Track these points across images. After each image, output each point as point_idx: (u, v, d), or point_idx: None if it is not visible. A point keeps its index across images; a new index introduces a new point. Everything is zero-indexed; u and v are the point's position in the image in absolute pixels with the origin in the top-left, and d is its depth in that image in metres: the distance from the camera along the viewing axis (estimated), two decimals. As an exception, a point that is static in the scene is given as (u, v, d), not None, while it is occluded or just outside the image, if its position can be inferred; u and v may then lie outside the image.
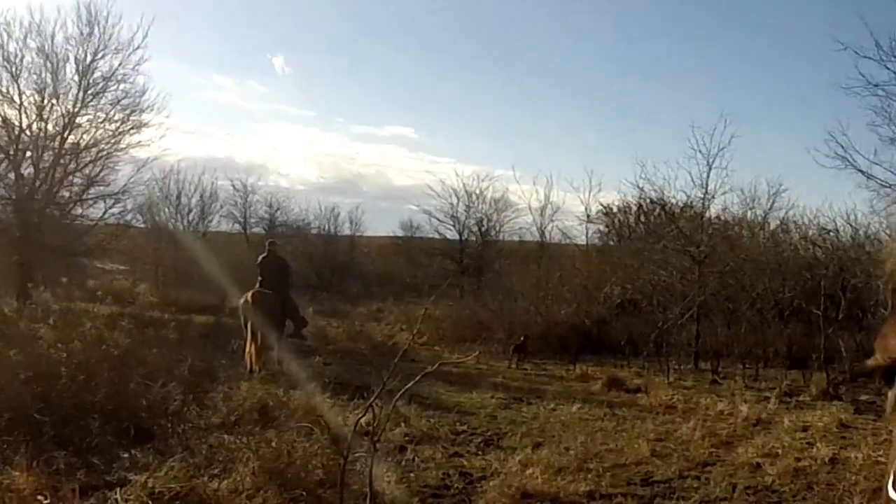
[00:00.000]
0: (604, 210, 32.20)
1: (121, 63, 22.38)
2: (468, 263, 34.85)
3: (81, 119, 22.35)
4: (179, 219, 35.75)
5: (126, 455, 7.20)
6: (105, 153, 22.87)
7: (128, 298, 26.03)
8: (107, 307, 19.86)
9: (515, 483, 7.00)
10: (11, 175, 21.86)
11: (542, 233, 34.91)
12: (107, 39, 22.20)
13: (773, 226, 23.48)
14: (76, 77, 22.11)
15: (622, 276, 21.12)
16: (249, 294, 13.73)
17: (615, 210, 31.54)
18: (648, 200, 24.20)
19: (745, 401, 12.21)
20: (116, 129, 22.75)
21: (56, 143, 22.12)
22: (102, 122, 22.61)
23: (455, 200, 36.17)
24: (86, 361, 9.23)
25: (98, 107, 22.55)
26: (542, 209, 34.69)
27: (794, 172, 57.33)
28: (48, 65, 21.76)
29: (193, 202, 36.23)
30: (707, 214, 20.26)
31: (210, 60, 62.63)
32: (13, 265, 21.95)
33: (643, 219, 28.33)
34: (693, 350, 17.03)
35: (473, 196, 36.35)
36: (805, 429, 10.40)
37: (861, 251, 17.53)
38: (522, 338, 17.00)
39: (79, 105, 22.11)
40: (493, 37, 58.17)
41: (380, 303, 28.85)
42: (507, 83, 57.86)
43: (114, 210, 23.85)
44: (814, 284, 16.78)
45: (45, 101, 21.82)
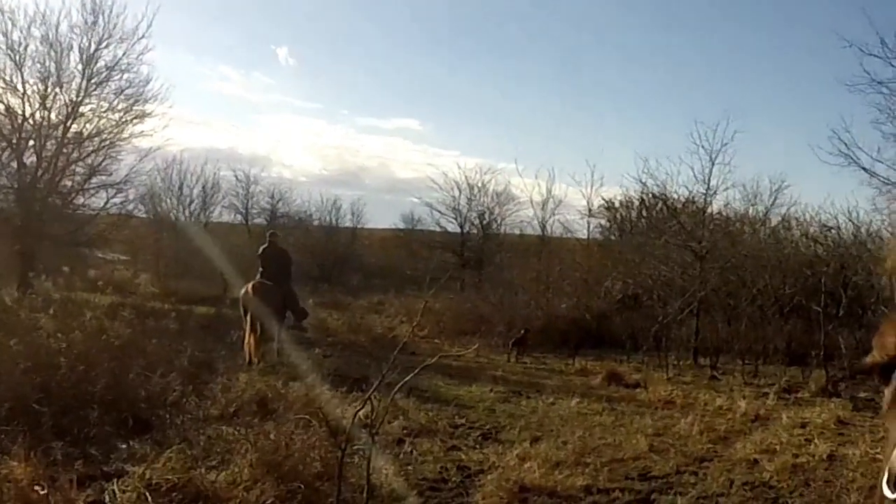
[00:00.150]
0: (605, 204, 32.09)
1: (125, 52, 22.39)
2: (469, 256, 34.86)
3: (85, 108, 22.37)
4: (181, 209, 35.73)
5: (124, 446, 7.22)
6: (108, 142, 22.86)
7: (129, 289, 26.06)
8: (107, 297, 19.82)
9: (513, 477, 7.01)
10: (14, 164, 21.85)
11: (544, 226, 34.85)
12: (111, 29, 22.20)
13: (775, 222, 23.46)
14: (80, 66, 22.09)
15: (623, 271, 21.13)
16: (250, 285, 13.75)
17: (617, 205, 31.43)
18: (650, 195, 24.15)
19: (744, 397, 12.21)
20: (119, 119, 22.77)
21: (59, 133, 22.11)
22: (106, 112, 22.63)
23: (457, 193, 36.24)
24: (86, 352, 9.25)
25: (101, 96, 22.57)
26: (544, 203, 34.63)
27: (797, 169, 57.45)
28: (52, 53, 21.75)
29: (195, 193, 36.23)
30: (709, 210, 20.26)
31: (214, 51, 62.90)
32: (14, 254, 21.96)
33: (645, 214, 28.25)
34: (693, 346, 17.04)
35: (475, 189, 36.41)
36: (803, 425, 10.40)
37: (862, 249, 17.52)
38: (522, 331, 17.00)
39: (82, 94, 22.10)
40: (499, 30, 58.11)
41: (380, 295, 28.82)
42: (512, 77, 58.05)
43: (116, 200, 23.89)
44: (814, 281, 16.76)
45: (49, 90, 21.81)
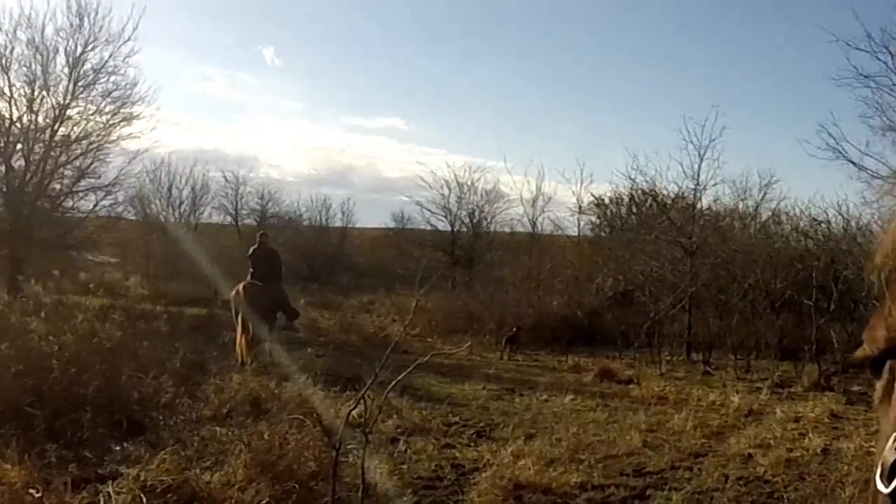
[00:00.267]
0: (595, 201, 32.11)
1: (111, 55, 22.37)
2: (460, 255, 34.79)
3: (72, 111, 22.34)
4: (171, 211, 35.77)
5: (118, 448, 7.21)
6: (96, 145, 22.85)
7: (119, 291, 25.97)
8: (98, 300, 19.74)
9: (507, 474, 7.02)
10: (2, 168, 21.76)
11: (534, 224, 34.82)
12: (97, 31, 22.15)
13: (765, 217, 23.52)
14: (66, 69, 22.05)
15: (614, 268, 21.14)
16: (240, 286, 13.71)
17: (607, 201, 31.41)
18: (640, 191, 24.22)
19: (737, 392, 12.25)
20: (107, 122, 22.76)
21: (47, 136, 22.05)
22: (93, 115, 22.61)
23: (446, 192, 36.10)
24: (77, 354, 9.21)
25: (89, 99, 22.54)
26: (534, 200, 34.61)
27: (786, 164, 57.57)
28: (38, 57, 21.70)
29: (185, 194, 36.32)
30: (699, 205, 20.29)
31: (200, 52, 62.74)
32: (4, 258, 21.88)
33: (635, 210, 28.25)
34: (685, 341, 17.08)
35: (465, 187, 36.27)
36: (797, 419, 10.44)
37: (853, 242, 17.55)
38: (514, 329, 17.00)
39: (69, 97, 22.05)
40: (483, 27, 58.19)
41: (371, 294, 28.78)
42: (498, 74, 57.95)
43: (105, 202, 23.90)
44: (805, 275, 16.81)
45: (36, 94, 21.77)
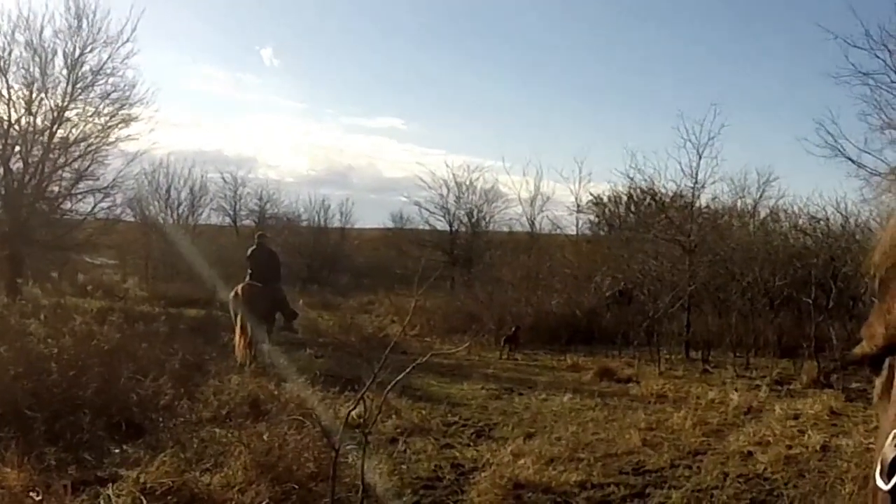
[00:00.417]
0: (594, 200, 32.23)
1: (109, 56, 22.32)
2: (458, 254, 34.81)
3: (70, 113, 22.29)
4: (169, 212, 35.75)
5: (117, 450, 7.20)
6: (94, 147, 22.80)
7: (118, 293, 25.94)
8: (97, 302, 19.78)
9: (507, 474, 7.02)
10: (0, 170, 21.72)
11: (533, 223, 34.95)
12: (95, 33, 22.12)
13: (763, 215, 23.60)
14: (65, 71, 22.03)
15: (613, 267, 21.14)
16: (239, 287, 13.70)
17: (605, 200, 31.55)
18: (638, 190, 24.27)
19: (736, 389, 12.24)
20: (105, 123, 22.71)
21: (45, 138, 22.01)
22: (91, 116, 22.56)
23: (445, 191, 36.17)
24: (76, 356, 9.22)
25: (87, 101, 22.50)
26: (532, 200, 34.74)
27: (785, 162, 57.80)
28: (36, 59, 21.67)
29: (183, 195, 36.31)
30: (697, 204, 20.27)
31: (198, 52, 62.74)
32: (2, 260, 21.85)
33: (633, 209, 28.32)
34: (684, 339, 17.06)
35: (463, 187, 36.35)
36: (796, 417, 10.44)
37: (851, 240, 17.53)
38: (513, 328, 17.01)
39: (67, 99, 22.02)
40: (482, 28, 58.23)
41: (370, 295, 28.74)
42: (497, 74, 58.10)
43: (103, 204, 23.79)
44: (804, 273, 16.80)
45: (34, 96, 21.73)
